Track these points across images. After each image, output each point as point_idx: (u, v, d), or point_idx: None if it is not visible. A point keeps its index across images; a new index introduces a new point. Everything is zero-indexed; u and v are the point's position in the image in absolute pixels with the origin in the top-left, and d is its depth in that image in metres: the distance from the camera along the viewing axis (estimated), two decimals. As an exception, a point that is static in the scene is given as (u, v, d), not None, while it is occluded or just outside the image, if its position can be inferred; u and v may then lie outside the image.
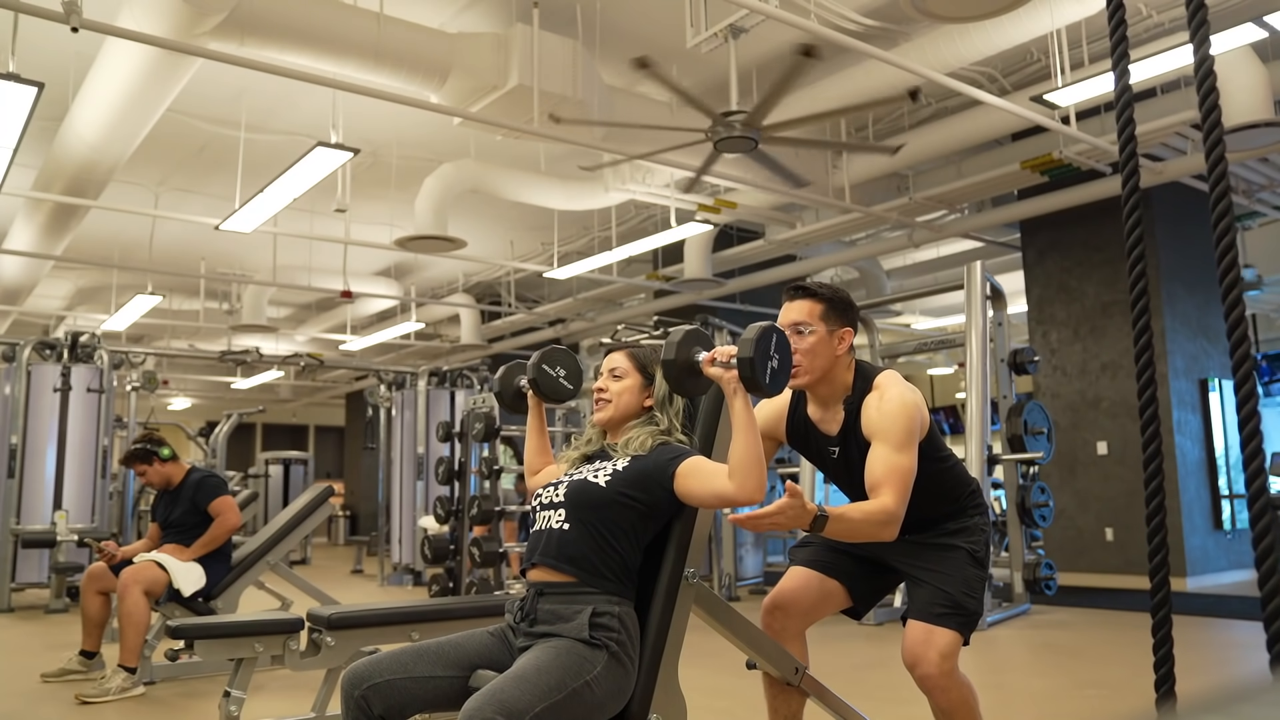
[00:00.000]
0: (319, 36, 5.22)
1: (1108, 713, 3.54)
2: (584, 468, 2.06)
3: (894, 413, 2.13)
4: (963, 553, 2.24)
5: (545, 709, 1.70)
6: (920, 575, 2.25)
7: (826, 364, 2.22)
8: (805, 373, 2.21)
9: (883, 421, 2.14)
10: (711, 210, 8.28)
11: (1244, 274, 9.35)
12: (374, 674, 1.85)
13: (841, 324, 2.24)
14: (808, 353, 2.20)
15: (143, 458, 4.50)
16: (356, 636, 3.04)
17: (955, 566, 2.22)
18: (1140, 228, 1.27)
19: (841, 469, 2.30)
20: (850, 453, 2.24)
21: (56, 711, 3.80)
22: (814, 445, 2.34)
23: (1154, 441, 1.23)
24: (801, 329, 2.21)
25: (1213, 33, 5.10)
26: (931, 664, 2.11)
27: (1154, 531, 1.22)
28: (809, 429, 2.33)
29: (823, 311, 2.22)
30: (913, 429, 2.14)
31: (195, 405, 20.21)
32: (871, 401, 2.19)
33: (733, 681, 3.79)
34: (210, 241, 10.00)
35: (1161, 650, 1.23)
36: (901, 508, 2.05)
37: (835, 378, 2.25)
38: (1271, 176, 8.29)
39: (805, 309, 2.23)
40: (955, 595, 2.18)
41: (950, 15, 4.51)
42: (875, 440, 2.14)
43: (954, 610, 2.16)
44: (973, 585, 2.22)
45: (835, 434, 2.27)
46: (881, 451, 2.11)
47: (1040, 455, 6.23)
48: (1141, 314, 1.24)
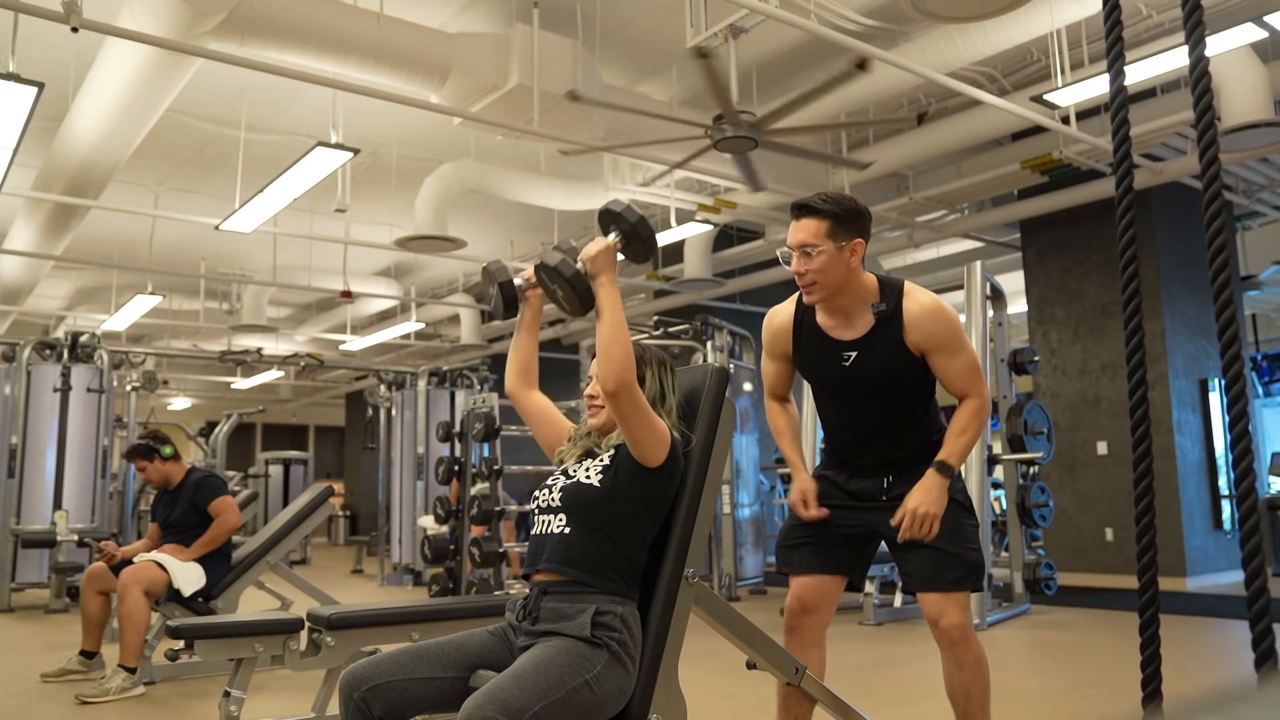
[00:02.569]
0: (319, 36, 5.22)
1: (1107, 713, 3.54)
2: (576, 467, 2.05)
3: (947, 318, 2.23)
4: (954, 505, 2.24)
5: (544, 707, 1.70)
6: (923, 543, 2.24)
7: (840, 279, 2.21)
8: (820, 289, 2.22)
9: (940, 330, 2.21)
10: (711, 210, 8.29)
11: (1262, 275, 9.35)
12: (373, 676, 1.85)
13: (851, 235, 2.20)
14: (819, 271, 2.19)
15: (144, 453, 4.51)
16: (356, 636, 3.04)
17: (951, 523, 2.22)
18: (1134, 228, 1.27)
19: (848, 376, 2.29)
20: (868, 359, 2.25)
21: (56, 711, 3.80)
22: (823, 355, 2.32)
23: (1144, 441, 1.24)
24: (809, 249, 2.19)
25: (1213, 32, 5.11)
26: (955, 615, 2.18)
27: (1142, 532, 1.22)
28: (819, 338, 2.32)
29: (829, 228, 2.19)
30: (960, 326, 2.27)
31: (195, 405, 20.21)
32: (916, 312, 2.22)
33: (733, 681, 3.79)
34: (210, 241, 10.01)
35: (1149, 650, 1.24)
36: (986, 397, 2.25)
37: (852, 289, 2.24)
38: (1271, 176, 8.28)
39: (811, 229, 2.20)
40: (962, 555, 2.21)
41: (950, 15, 4.51)
42: (940, 351, 2.22)
43: (967, 573, 2.21)
44: (971, 537, 2.25)
45: (854, 339, 2.26)
46: (948, 359, 2.22)
47: (1040, 455, 6.23)
48: (1134, 315, 1.24)
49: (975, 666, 2.21)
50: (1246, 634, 1.20)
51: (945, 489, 2.18)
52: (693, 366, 2.29)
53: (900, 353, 2.23)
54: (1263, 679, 1.09)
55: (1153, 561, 1.22)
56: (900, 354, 2.23)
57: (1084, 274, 8.12)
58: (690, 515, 2.02)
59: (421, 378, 9.82)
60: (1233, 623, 5.63)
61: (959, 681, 2.23)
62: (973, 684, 2.21)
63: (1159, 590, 1.31)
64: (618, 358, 1.87)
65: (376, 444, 10.83)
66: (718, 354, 7.65)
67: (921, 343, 2.22)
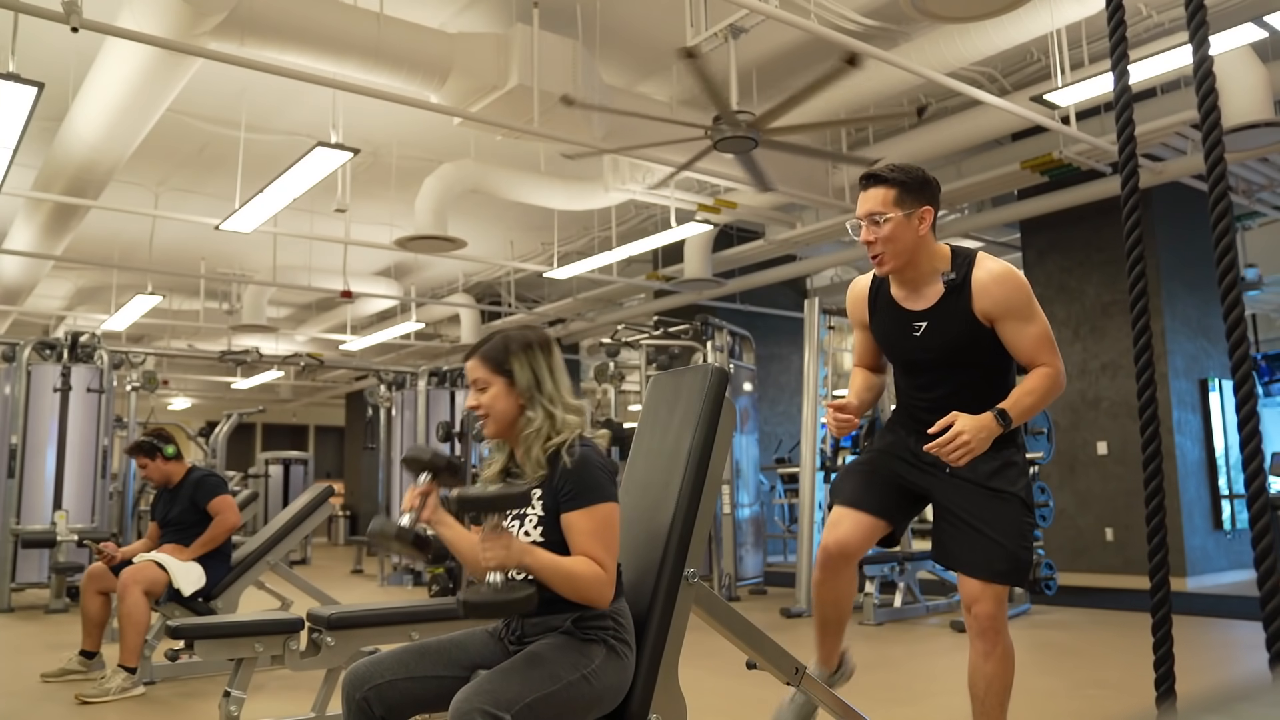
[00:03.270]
0: (319, 36, 5.21)
1: (1108, 713, 3.54)
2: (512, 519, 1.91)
3: (1018, 284, 2.20)
4: (1017, 502, 2.22)
5: (538, 699, 1.69)
6: (977, 526, 2.22)
7: (908, 247, 2.21)
8: (889, 259, 2.22)
9: (1008, 297, 2.18)
10: (711, 210, 8.28)
11: (1246, 273, 9.36)
12: (375, 675, 1.84)
13: (919, 203, 2.21)
14: (887, 240, 2.19)
15: (147, 451, 4.52)
16: (356, 636, 3.04)
17: (1012, 519, 2.21)
18: (1140, 228, 1.27)
19: (919, 345, 2.28)
20: (940, 326, 2.24)
21: (56, 711, 3.79)
22: (894, 325, 2.33)
23: (1154, 442, 1.24)
24: (877, 218, 2.20)
25: (1213, 32, 5.10)
26: (990, 605, 2.17)
27: (1154, 531, 1.22)
28: (892, 309, 2.33)
29: (896, 196, 2.20)
30: (1030, 293, 2.23)
31: (195, 405, 20.20)
32: (984, 280, 2.20)
33: (733, 681, 3.79)
34: (210, 241, 10.00)
35: (1161, 650, 1.23)
36: (1061, 365, 2.22)
37: (921, 259, 2.24)
38: (1271, 176, 8.29)
39: (879, 197, 2.21)
40: (1014, 550, 2.18)
41: (950, 15, 4.51)
42: (1008, 319, 2.19)
43: (1014, 568, 2.19)
44: (1028, 536, 2.23)
45: (924, 309, 2.26)
46: (1018, 327, 2.19)
47: (1040, 455, 6.23)
48: (1141, 314, 1.24)
49: (1002, 659, 2.19)
50: (1247, 634, 1.20)
51: (994, 433, 2.13)
52: (692, 367, 2.29)
53: (969, 322, 2.21)
54: (1277, 677, 1.08)
55: (1164, 561, 1.22)
56: (969, 324, 2.21)
57: (1084, 274, 8.12)
58: (690, 515, 2.02)
59: (421, 378, 9.82)
60: (1233, 623, 5.63)
61: (983, 672, 2.20)
62: (995, 676, 2.19)
63: (1166, 590, 1.31)
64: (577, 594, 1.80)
65: (376, 444, 10.83)
66: (718, 354, 7.65)
67: (990, 310, 2.19)
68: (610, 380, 9.17)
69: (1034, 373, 2.20)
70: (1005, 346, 2.22)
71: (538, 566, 1.77)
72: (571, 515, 1.82)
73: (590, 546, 1.81)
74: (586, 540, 1.81)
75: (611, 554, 1.83)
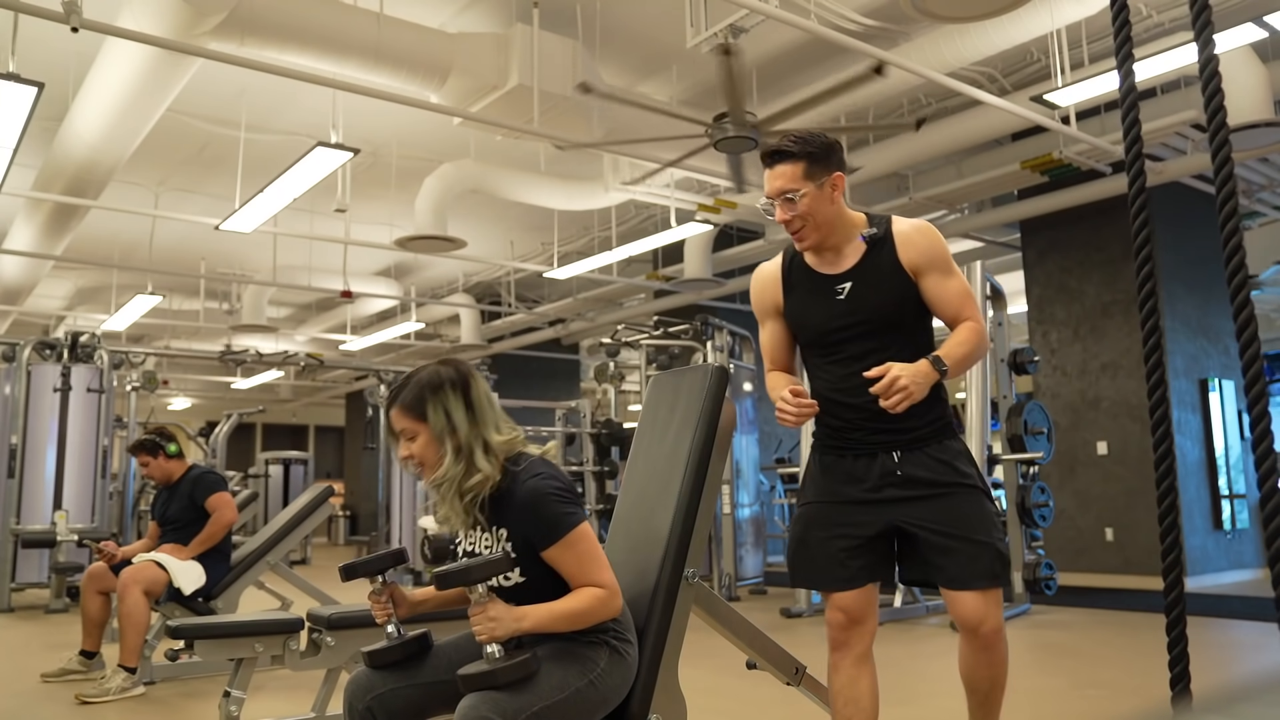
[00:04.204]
0: (319, 36, 5.21)
1: (1108, 713, 3.54)
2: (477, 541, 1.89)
3: (937, 237, 2.15)
4: (977, 493, 2.11)
5: (545, 708, 1.68)
6: (950, 532, 2.07)
7: (828, 218, 2.13)
8: (810, 233, 2.13)
9: (931, 247, 2.12)
10: (711, 210, 8.28)
11: (1263, 275, 9.36)
12: (378, 684, 1.83)
13: (828, 171, 2.11)
14: (805, 216, 2.11)
15: (149, 449, 4.52)
16: (356, 636, 3.04)
17: (979, 513, 2.10)
18: (1149, 228, 1.26)
19: (845, 312, 2.14)
20: (866, 283, 2.12)
21: (56, 711, 3.79)
22: (813, 295, 2.18)
23: (1165, 441, 1.23)
24: (790, 195, 2.10)
25: (1214, 33, 5.11)
26: (995, 619, 2.08)
27: (1166, 531, 1.22)
28: (809, 279, 2.20)
29: (805, 169, 2.09)
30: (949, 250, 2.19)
31: (195, 405, 20.20)
32: (907, 230, 2.14)
33: (733, 681, 3.79)
34: (210, 241, 10.00)
35: (1177, 649, 1.23)
36: (983, 321, 2.15)
37: (841, 225, 2.16)
38: (1271, 176, 8.29)
39: (787, 174, 2.11)
40: (996, 545, 2.08)
41: (950, 15, 4.51)
42: (932, 271, 2.11)
43: (1001, 563, 2.09)
44: (999, 526, 2.15)
45: (847, 269, 2.15)
46: (941, 280, 2.11)
47: (1040, 455, 6.22)
48: (1151, 314, 1.23)
49: (1004, 661, 2.16)
50: (1247, 633, 1.20)
51: (931, 379, 2.00)
52: (693, 366, 2.29)
53: (897, 275, 2.11)
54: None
55: (1178, 560, 1.22)
56: (897, 277, 2.11)
57: (1084, 274, 8.12)
58: (690, 515, 2.02)
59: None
60: (1233, 623, 5.63)
61: (987, 675, 2.15)
62: (1000, 677, 2.17)
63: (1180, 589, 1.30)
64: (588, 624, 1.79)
65: (376, 444, 10.82)
66: (718, 354, 7.65)
67: (915, 261, 2.11)
68: (610, 380, 9.17)
69: (961, 326, 2.10)
70: (929, 303, 2.12)
71: (535, 628, 1.74)
72: (552, 553, 1.78)
73: (584, 575, 1.78)
74: (577, 570, 1.79)
75: (606, 568, 1.81)
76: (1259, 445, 1.14)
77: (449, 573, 1.72)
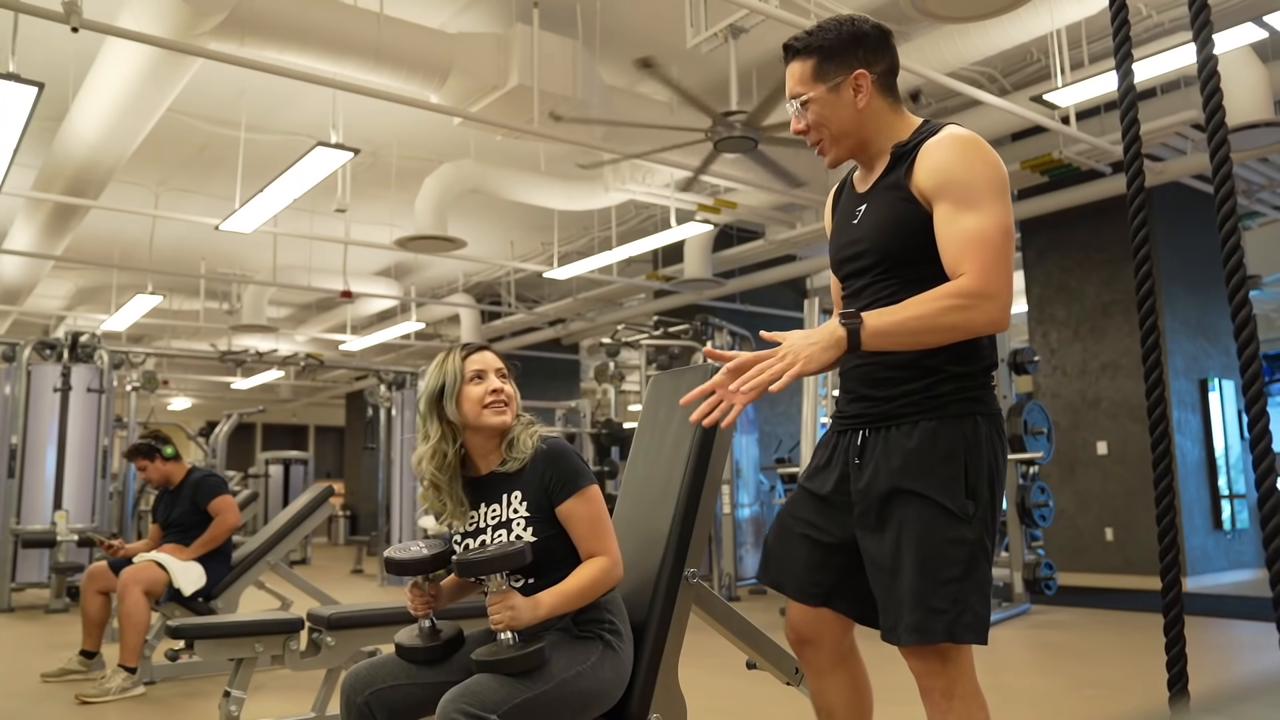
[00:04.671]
0: (319, 36, 5.21)
1: (1108, 713, 3.54)
2: (485, 518, 1.90)
3: (971, 153, 1.57)
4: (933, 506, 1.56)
5: (529, 700, 1.67)
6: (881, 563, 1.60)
7: (848, 127, 1.69)
8: (829, 146, 1.72)
9: (951, 164, 1.57)
10: (711, 210, 8.28)
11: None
12: (376, 679, 1.83)
13: (848, 68, 1.66)
14: (817, 125, 1.70)
15: (146, 453, 4.52)
16: (356, 636, 3.04)
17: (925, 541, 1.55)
18: (1147, 228, 1.26)
19: (853, 240, 1.72)
20: (876, 205, 1.69)
21: (56, 711, 3.79)
22: (843, 216, 1.79)
23: (1163, 441, 1.23)
24: (798, 99, 1.71)
25: (1214, 32, 5.11)
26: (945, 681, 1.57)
27: (1164, 531, 1.22)
28: (848, 198, 1.81)
29: (815, 67, 1.68)
30: (999, 179, 1.56)
31: (195, 405, 20.20)
32: (932, 144, 1.61)
33: (733, 681, 3.79)
34: (210, 241, 10.00)
35: (1175, 649, 1.23)
36: (988, 285, 1.49)
37: (875, 137, 1.70)
38: (1271, 176, 8.29)
39: (796, 74, 1.71)
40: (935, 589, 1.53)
41: (950, 15, 4.51)
42: (943, 197, 1.57)
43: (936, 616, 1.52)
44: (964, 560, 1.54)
45: (869, 188, 1.72)
46: (953, 212, 1.54)
47: (1040, 455, 6.23)
48: (1149, 314, 1.23)
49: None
50: (1247, 633, 1.20)
51: (829, 347, 1.47)
52: (693, 367, 2.29)
53: (902, 199, 1.63)
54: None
55: (1175, 560, 1.22)
56: (902, 201, 1.63)
57: (1084, 274, 8.12)
58: (690, 515, 2.02)
59: (421, 378, 9.81)
60: (1233, 623, 5.63)
61: None
62: None
63: (1178, 589, 1.31)
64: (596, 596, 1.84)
65: (376, 444, 10.82)
66: (718, 354, 7.64)
67: (923, 183, 1.59)
68: (610, 380, 9.17)
69: (944, 285, 1.52)
70: (937, 243, 1.58)
71: (551, 613, 1.78)
72: (568, 505, 1.85)
73: (594, 537, 1.85)
74: (588, 531, 1.85)
75: (612, 534, 1.88)
76: (1257, 445, 1.14)
77: (472, 560, 1.73)
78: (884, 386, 1.65)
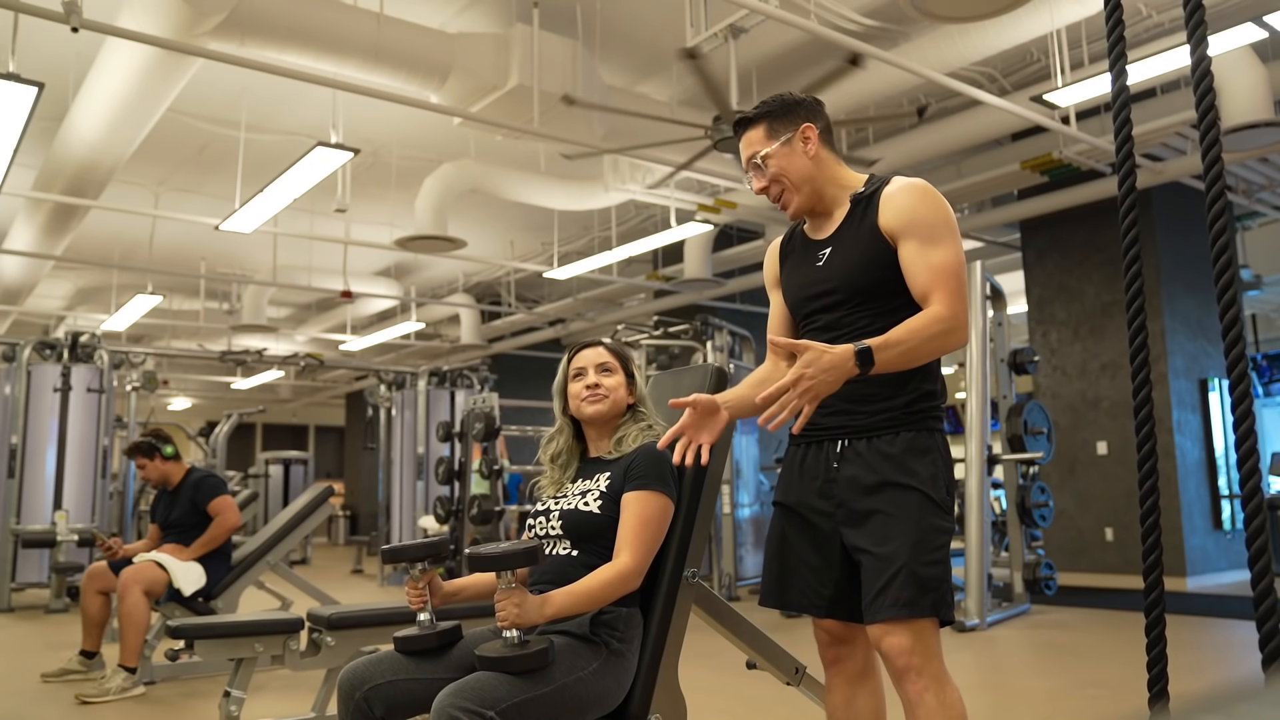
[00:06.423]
0: (319, 36, 5.22)
1: (1108, 713, 3.54)
2: (570, 490, 2.03)
3: (932, 200, 1.82)
4: (914, 495, 1.76)
5: (527, 700, 1.67)
6: (861, 549, 1.77)
7: (805, 175, 1.89)
8: (791, 196, 1.91)
9: (914, 207, 1.80)
10: (711, 210, 8.29)
11: (1242, 274, 9.36)
12: (374, 675, 1.83)
13: (794, 124, 1.89)
14: (777, 178, 1.90)
15: (145, 451, 4.52)
16: (356, 636, 3.05)
17: (903, 519, 1.74)
18: (1136, 229, 1.27)
19: (819, 280, 1.89)
20: (842, 248, 1.87)
21: (56, 711, 3.80)
22: (800, 262, 1.97)
23: (1149, 442, 1.24)
24: (757, 160, 1.91)
25: (1212, 32, 5.11)
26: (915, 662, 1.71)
27: (1148, 531, 1.22)
28: (801, 246, 1.99)
29: (767, 129, 1.90)
30: (951, 219, 1.81)
31: (195, 405, 20.21)
32: (892, 190, 1.84)
33: (733, 681, 3.79)
34: (210, 241, 10.01)
35: (1155, 650, 1.23)
36: (959, 311, 1.72)
37: (826, 187, 1.91)
38: (1271, 176, 8.29)
39: (751, 140, 1.92)
40: (911, 565, 1.70)
41: (950, 15, 4.51)
42: (910, 236, 1.78)
43: (920, 591, 1.70)
44: (935, 543, 1.74)
45: (830, 234, 1.91)
46: (919, 250, 1.77)
47: (1040, 455, 6.23)
48: (1137, 315, 1.24)
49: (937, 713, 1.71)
50: (1247, 634, 1.20)
51: (845, 374, 1.64)
52: (693, 367, 2.29)
53: (872, 239, 1.82)
54: (1270, 678, 1.08)
55: (1159, 561, 1.22)
56: (872, 241, 1.82)
57: (1084, 274, 8.12)
58: (690, 515, 2.02)
59: (421, 378, 9.82)
60: (1233, 623, 5.63)
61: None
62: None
63: (1160, 590, 1.31)
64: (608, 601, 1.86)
65: (376, 444, 10.83)
66: (718, 354, 7.65)
67: (891, 223, 1.80)
68: (610, 380, 9.15)
69: (921, 314, 1.74)
70: (905, 277, 1.79)
71: (559, 612, 1.79)
72: (632, 495, 1.91)
73: (634, 536, 1.88)
74: (632, 528, 1.89)
75: (648, 548, 1.90)
76: (1242, 445, 1.15)
77: (483, 556, 1.73)
78: (866, 402, 1.83)
